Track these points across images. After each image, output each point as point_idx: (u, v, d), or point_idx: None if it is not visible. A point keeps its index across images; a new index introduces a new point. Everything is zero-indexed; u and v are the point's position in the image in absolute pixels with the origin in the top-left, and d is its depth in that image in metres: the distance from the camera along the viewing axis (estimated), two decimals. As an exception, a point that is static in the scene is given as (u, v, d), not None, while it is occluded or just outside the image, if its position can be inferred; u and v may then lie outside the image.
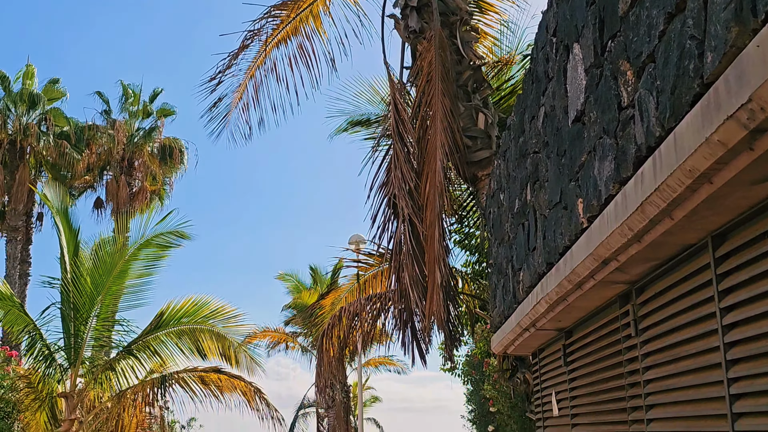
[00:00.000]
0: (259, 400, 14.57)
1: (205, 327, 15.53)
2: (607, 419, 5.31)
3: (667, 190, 3.13)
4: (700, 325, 3.70)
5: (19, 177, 29.74)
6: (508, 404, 20.00)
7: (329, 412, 28.30)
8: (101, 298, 14.99)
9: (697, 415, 3.71)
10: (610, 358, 5.22)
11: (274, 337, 29.27)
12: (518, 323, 6.54)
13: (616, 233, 3.74)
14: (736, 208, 3.21)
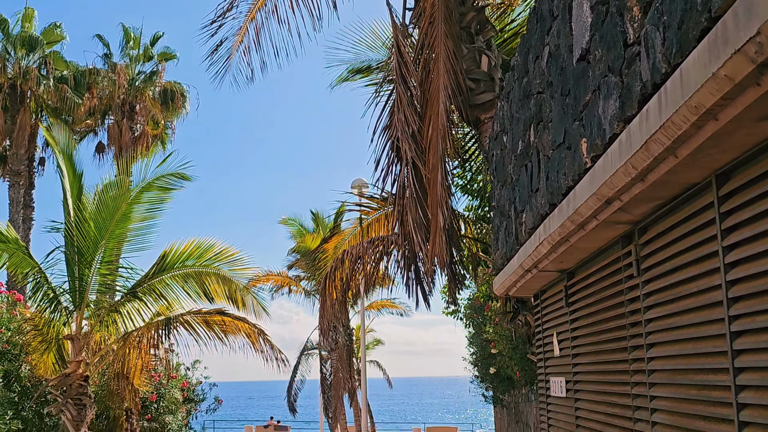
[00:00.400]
0: (263, 342, 14.69)
1: (210, 270, 15.58)
2: (607, 358, 5.36)
3: (672, 128, 3.10)
4: (702, 264, 3.70)
5: (20, 121, 29.64)
6: (509, 346, 20.21)
7: (332, 355, 28.59)
8: (105, 242, 15.03)
9: (698, 352, 3.74)
10: (611, 298, 5.24)
11: (277, 280, 29.42)
12: (520, 265, 6.55)
13: (619, 172, 3.72)
14: (741, 146, 3.19)
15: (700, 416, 3.72)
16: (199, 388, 24.58)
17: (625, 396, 4.94)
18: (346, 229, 16.61)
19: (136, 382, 17.17)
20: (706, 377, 3.63)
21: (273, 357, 14.79)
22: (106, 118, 32.58)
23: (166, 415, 21.05)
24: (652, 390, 4.38)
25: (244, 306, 15.68)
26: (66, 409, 14.06)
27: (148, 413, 20.61)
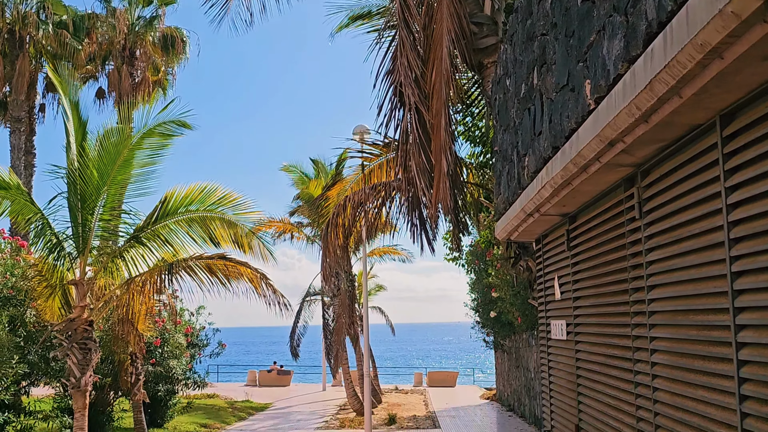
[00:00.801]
0: (266, 287, 14.77)
1: (215, 215, 15.60)
2: (608, 300, 5.40)
3: (677, 67, 3.08)
4: (704, 205, 3.71)
5: (19, 67, 29.44)
6: (510, 292, 20.34)
7: (334, 301, 28.82)
8: (107, 188, 15.02)
9: (698, 293, 3.77)
10: (613, 241, 5.26)
11: (279, 227, 29.50)
12: (522, 208, 6.57)
13: (623, 113, 3.71)
14: (746, 86, 3.17)
15: (699, 356, 3.77)
16: (203, 333, 24.84)
17: (625, 337, 5.00)
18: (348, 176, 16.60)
19: (141, 327, 17.34)
20: (706, 317, 3.66)
21: (275, 302, 14.89)
22: (106, 64, 32.35)
23: (170, 360, 21.31)
24: (652, 331, 4.42)
25: (251, 249, 15.72)
26: (71, 353, 14.23)
27: (152, 358, 20.85)
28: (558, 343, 7.16)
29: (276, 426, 26.14)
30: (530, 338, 25.39)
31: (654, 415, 4.38)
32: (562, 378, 7.06)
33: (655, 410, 4.36)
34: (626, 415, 4.98)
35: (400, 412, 28.46)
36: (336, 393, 36.91)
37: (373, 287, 39.37)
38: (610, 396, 5.34)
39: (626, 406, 4.97)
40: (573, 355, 6.46)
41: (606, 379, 5.45)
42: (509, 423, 25.69)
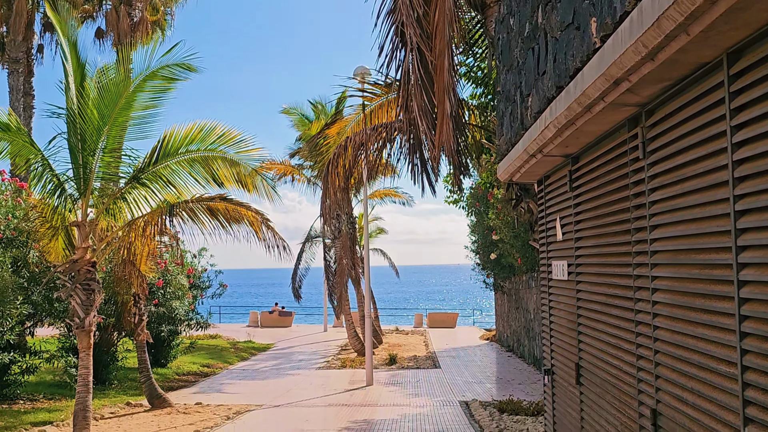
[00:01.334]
0: (266, 230, 14.82)
1: (216, 154, 15.55)
2: (610, 241, 5.42)
3: (686, 3, 3.04)
4: (709, 144, 3.70)
5: (16, 7, 29.09)
6: (510, 234, 20.42)
7: (335, 243, 28.97)
8: (108, 129, 14.96)
9: (701, 232, 3.78)
10: (616, 181, 5.26)
11: (279, 169, 29.51)
12: (525, 149, 6.56)
13: (629, 51, 3.68)
14: (754, 22, 3.13)
15: (700, 294, 3.80)
16: (204, 275, 24.99)
17: (626, 277, 5.03)
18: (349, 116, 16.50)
19: (143, 269, 17.45)
20: (708, 256, 3.69)
21: (276, 245, 14.95)
22: (103, 3, 31.95)
23: (172, 301, 21.48)
24: (654, 270, 4.45)
25: (255, 189, 15.71)
26: (75, 294, 14.35)
27: (155, 299, 21.03)
28: (559, 283, 7.21)
29: (278, 366, 26.49)
30: (530, 280, 25.60)
31: (654, 353, 4.43)
32: (562, 317, 7.13)
33: (655, 348, 4.42)
34: (626, 353, 5.05)
35: (401, 353, 28.82)
36: (337, 334, 37.39)
37: (374, 230, 39.51)
38: (611, 335, 5.40)
39: (626, 344, 5.03)
40: (574, 295, 6.51)
41: (606, 318, 5.51)
42: (508, 363, 26.02)
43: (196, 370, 24.76)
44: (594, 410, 5.93)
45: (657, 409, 4.40)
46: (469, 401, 17.96)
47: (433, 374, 23.51)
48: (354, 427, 15.28)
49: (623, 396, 5.12)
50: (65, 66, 14.67)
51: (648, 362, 4.58)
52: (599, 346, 5.73)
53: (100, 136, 14.94)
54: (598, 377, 5.77)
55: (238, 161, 15.55)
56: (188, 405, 18.20)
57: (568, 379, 6.84)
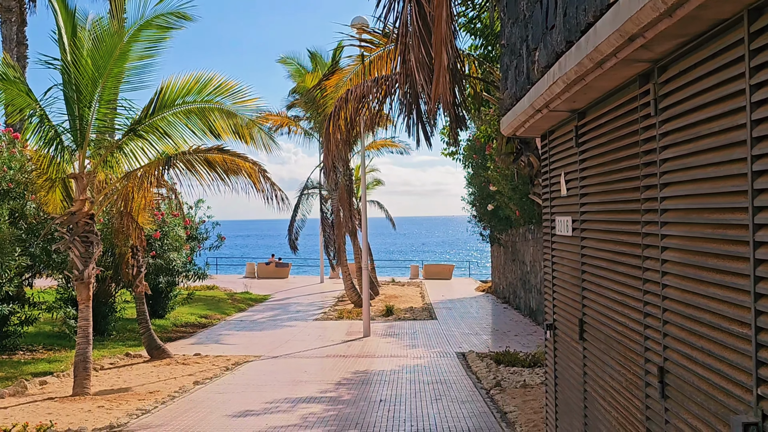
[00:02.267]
0: (264, 181, 14.77)
1: (213, 105, 15.43)
2: (618, 197, 5.38)
3: (710, -42, 2.96)
4: (726, 102, 3.63)
5: (6, -46, 28.59)
6: (508, 186, 20.39)
7: (333, 195, 28.94)
8: (104, 81, 14.81)
9: (715, 192, 3.74)
10: (625, 138, 5.20)
11: (276, 120, 29.33)
12: (531, 104, 6.47)
13: (647, 7, 3.58)
14: (779, -22, 3.06)
15: (713, 254, 3.77)
16: (202, 227, 24.97)
17: (634, 234, 5.00)
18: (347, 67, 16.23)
19: (141, 220, 17.42)
20: (723, 216, 3.64)
21: (273, 196, 14.91)
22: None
23: (170, 252, 21.49)
24: (664, 228, 4.42)
25: (252, 140, 15.63)
26: (73, 246, 14.33)
27: (152, 250, 21.04)
28: (563, 239, 7.19)
29: (275, 317, 26.64)
30: (527, 232, 25.66)
31: (662, 311, 4.42)
32: (566, 273, 7.12)
33: (664, 306, 4.40)
34: (633, 311, 5.04)
35: (397, 304, 29.00)
36: (334, 285, 37.58)
37: (371, 181, 39.46)
38: (617, 292, 5.39)
39: (633, 301, 5.02)
40: (578, 251, 6.49)
41: (612, 275, 5.50)
42: (504, 314, 26.22)
43: (194, 321, 24.90)
44: (597, 366, 5.95)
45: (664, 366, 4.40)
46: (466, 352, 18.11)
47: (430, 326, 23.68)
48: (352, 378, 15.42)
49: (629, 353, 5.13)
50: (56, 18, 14.46)
51: (656, 320, 4.57)
52: (604, 302, 5.73)
53: (95, 88, 14.79)
54: (603, 333, 5.78)
55: (235, 112, 15.44)
56: (187, 356, 18.33)
57: (570, 335, 6.86)
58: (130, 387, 14.77)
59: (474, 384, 14.43)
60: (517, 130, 7.83)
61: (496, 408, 12.39)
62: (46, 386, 14.80)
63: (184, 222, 22.64)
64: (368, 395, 13.58)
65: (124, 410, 12.63)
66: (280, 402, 13.15)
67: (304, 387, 14.46)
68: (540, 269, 23.40)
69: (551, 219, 7.68)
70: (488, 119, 20.37)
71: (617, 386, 5.42)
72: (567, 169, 6.90)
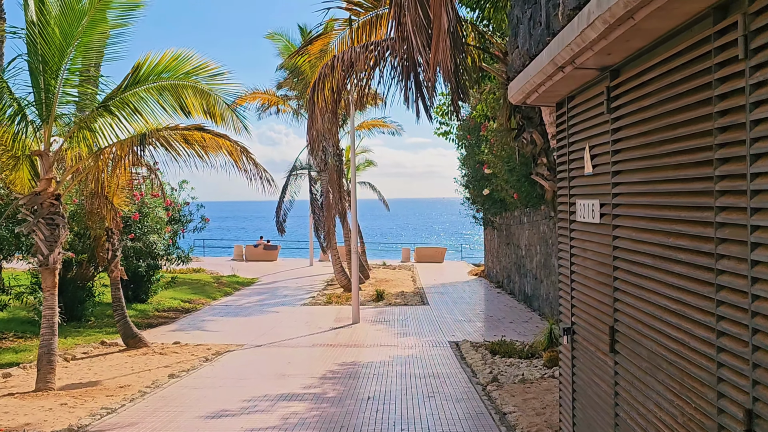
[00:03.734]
0: (246, 160, 13.39)
1: (188, 83, 14.11)
2: (673, 175, 4.04)
3: None
4: None
5: None
6: (505, 168, 19.05)
7: (322, 176, 27.53)
8: (72, 50, 13.43)
9: None
10: (687, 95, 3.85)
11: (264, 99, 27.78)
12: (552, 60, 5.12)
13: None
14: None
15: None
16: (185, 208, 23.62)
17: (701, 224, 3.67)
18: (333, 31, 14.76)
19: (116, 201, 16.07)
20: None
21: (257, 176, 13.55)
22: None
23: (150, 235, 20.15)
24: (756, 217, 3.10)
25: (223, 121, 14.35)
26: (38, 229, 12.98)
27: (131, 233, 19.70)
28: (586, 226, 5.85)
29: (262, 302, 25.34)
30: (522, 216, 24.34)
31: (751, 332, 3.12)
32: (590, 269, 5.78)
33: (754, 326, 3.10)
34: (697, 326, 3.71)
35: (388, 288, 27.70)
36: (323, 268, 36.22)
37: (362, 162, 38.06)
38: (670, 298, 4.06)
39: (699, 314, 3.69)
40: (609, 243, 5.15)
41: (663, 276, 4.16)
42: (498, 300, 24.96)
43: (177, 306, 23.57)
44: (637, 388, 4.63)
45: (754, 410, 3.11)
46: (460, 342, 16.85)
47: (421, 311, 22.42)
48: (339, 370, 14.14)
49: (690, 380, 3.81)
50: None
51: (738, 343, 3.26)
52: (649, 309, 4.39)
53: (63, 58, 13.40)
54: (646, 349, 4.45)
55: (208, 92, 14.11)
56: (165, 345, 17.02)
57: (596, 344, 5.54)
58: (99, 380, 13.45)
59: (469, 378, 13.17)
60: (528, 97, 6.47)
61: (494, 408, 11.12)
62: (9, 380, 13.47)
63: (165, 203, 21.27)
64: (355, 392, 12.30)
65: (88, 409, 11.32)
66: (260, 400, 11.84)
67: (287, 381, 13.17)
68: (536, 254, 22.12)
69: (570, 203, 6.34)
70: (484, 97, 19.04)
71: (670, 420, 4.10)
72: (593, 141, 5.55)
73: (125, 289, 22.92)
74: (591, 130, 5.58)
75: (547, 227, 20.71)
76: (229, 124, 14.42)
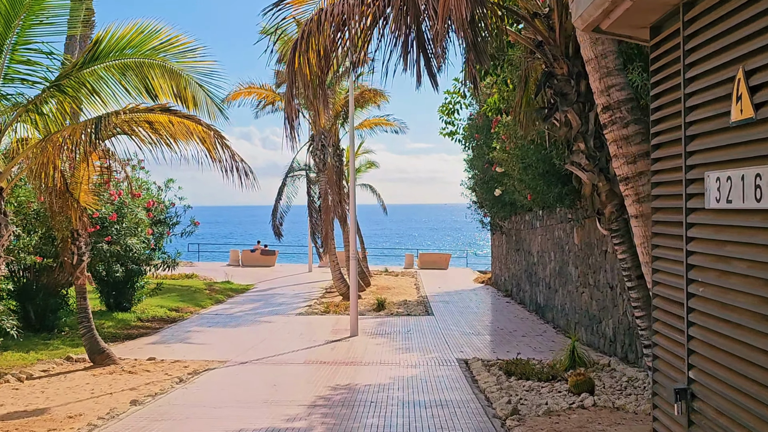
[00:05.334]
0: (222, 149, 10.91)
1: (154, 61, 11.68)
2: None
3: None
4: None
5: None
6: (519, 165, 16.51)
7: (320, 176, 25.05)
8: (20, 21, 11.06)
9: None
10: None
11: (260, 94, 25.18)
12: None
13: None
14: None
15: None
16: (171, 209, 21.14)
17: None
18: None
19: (84, 200, 13.65)
20: None
21: (233, 167, 11.05)
22: None
23: (128, 237, 17.69)
24: None
25: (196, 106, 11.94)
26: (-25, 229, 10.57)
27: (107, 235, 17.25)
28: (728, 217, 3.35)
29: (255, 310, 22.85)
30: (534, 219, 21.83)
31: None
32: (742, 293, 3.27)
33: None
34: None
35: (390, 297, 25.20)
36: (322, 274, 33.61)
37: (364, 163, 35.53)
38: None
39: None
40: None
41: None
42: (508, 310, 22.44)
43: (162, 314, 21.08)
44: None
45: None
46: (469, 360, 14.37)
47: (425, 322, 19.94)
48: (332, 396, 11.66)
49: None
50: None
51: None
52: None
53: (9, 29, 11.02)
54: None
55: (179, 72, 11.69)
56: (139, 361, 14.53)
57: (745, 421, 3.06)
58: (48, 407, 10.97)
59: (483, 408, 10.66)
60: (609, 13, 3.95)
61: (520, 453, 8.64)
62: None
63: (146, 203, 18.81)
64: (349, 427, 9.81)
65: (19, 449, 8.86)
66: (231, 438, 9.38)
67: (269, 411, 10.68)
68: (549, 261, 19.62)
69: (687, 181, 3.82)
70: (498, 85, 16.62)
71: None
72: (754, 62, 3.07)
73: (107, 296, 20.48)
74: (749, 44, 3.08)
75: (563, 232, 18.21)
76: (203, 110, 12.00)
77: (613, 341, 14.61)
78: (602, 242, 15.20)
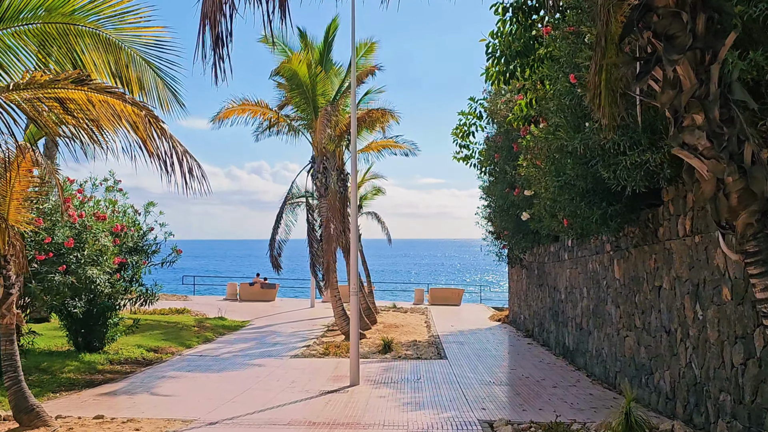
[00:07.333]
0: (158, 137, 7.38)
1: (84, 27, 8.25)
2: None
3: None
4: None
5: None
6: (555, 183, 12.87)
7: (321, 203, 21.51)
8: None
9: None
10: None
11: (255, 112, 21.77)
12: None
13: None
14: None
15: None
16: (150, 236, 17.63)
17: None
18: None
19: (14, 219, 10.18)
20: None
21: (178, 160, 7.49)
22: None
23: (87, 267, 14.14)
24: None
25: (142, 89, 8.46)
26: None
27: (62, 264, 13.73)
28: None
29: (245, 351, 19.15)
30: (561, 251, 18.18)
31: None
32: None
33: None
34: None
35: (398, 336, 21.45)
36: (325, 310, 29.81)
37: (371, 189, 32.00)
38: None
39: None
40: None
41: None
42: (531, 353, 18.67)
43: (138, 356, 17.47)
44: None
45: None
46: (495, 423, 10.69)
47: (438, 368, 16.25)
48: (314, 484, 7.99)
49: None
50: None
51: None
52: None
53: None
54: None
55: (118, 43, 8.23)
56: (82, 420, 10.93)
57: None
58: None
59: None
60: None
61: None
62: None
63: (112, 227, 15.30)
64: None
65: None
66: None
67: None
68: (581, 298, 15.94)
69: None
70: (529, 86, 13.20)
71: None
72: None
73: (75, 334, 16.92)
74: None
75: (599, 264, 14.57)
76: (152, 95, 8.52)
77: (671, 398, 10.96)
78: (654, 276, 11.61)
